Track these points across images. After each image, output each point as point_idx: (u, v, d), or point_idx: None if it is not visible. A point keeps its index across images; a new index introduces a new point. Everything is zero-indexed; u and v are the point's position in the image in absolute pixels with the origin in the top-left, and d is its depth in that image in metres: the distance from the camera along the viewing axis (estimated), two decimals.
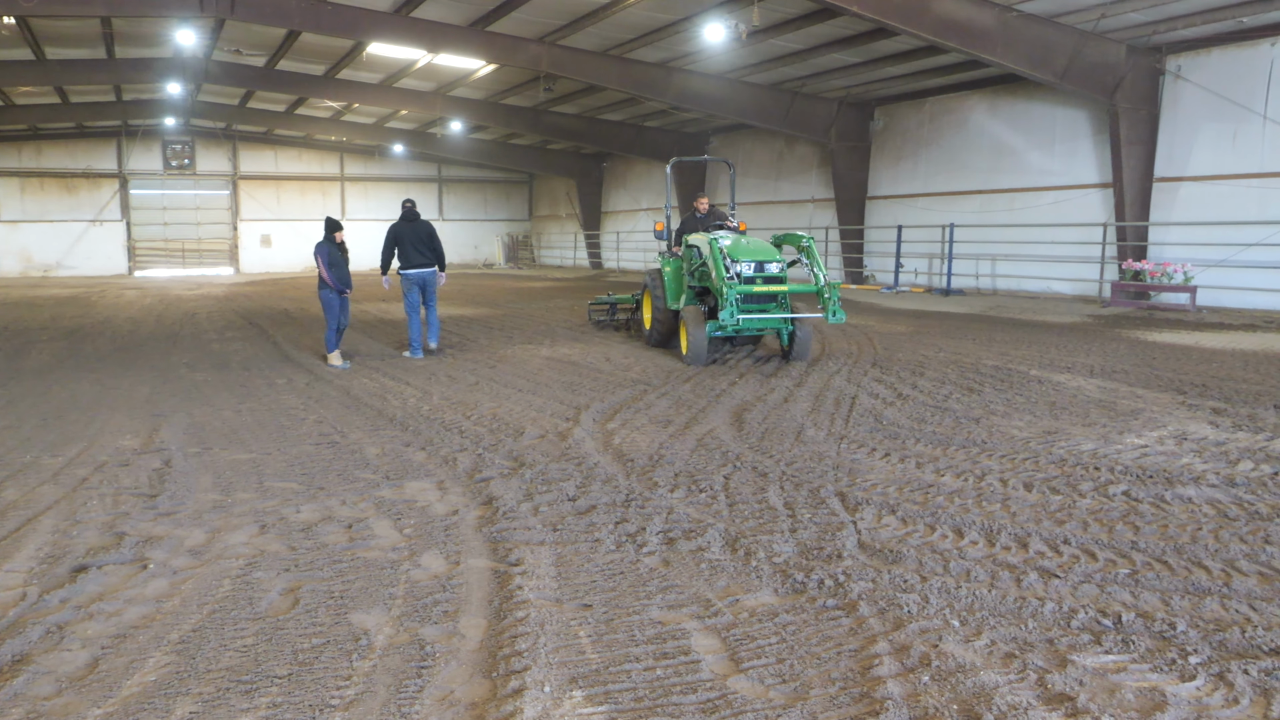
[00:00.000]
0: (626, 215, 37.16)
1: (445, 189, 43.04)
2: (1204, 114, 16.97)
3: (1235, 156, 16.60)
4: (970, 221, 21.53)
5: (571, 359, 11.08)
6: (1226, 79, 16.59)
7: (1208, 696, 3.04)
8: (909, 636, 3.47)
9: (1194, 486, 5.41)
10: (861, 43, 18.55)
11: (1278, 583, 3.99)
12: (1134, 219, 17.78)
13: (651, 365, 10.42)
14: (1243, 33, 16.03)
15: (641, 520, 4.89)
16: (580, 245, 39.94)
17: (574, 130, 30.27)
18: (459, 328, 14.87)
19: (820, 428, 7.08)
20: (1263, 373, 9.44)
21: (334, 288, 10.46)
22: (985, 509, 5.05)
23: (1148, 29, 16.28)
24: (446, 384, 9.38)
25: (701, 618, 3.68)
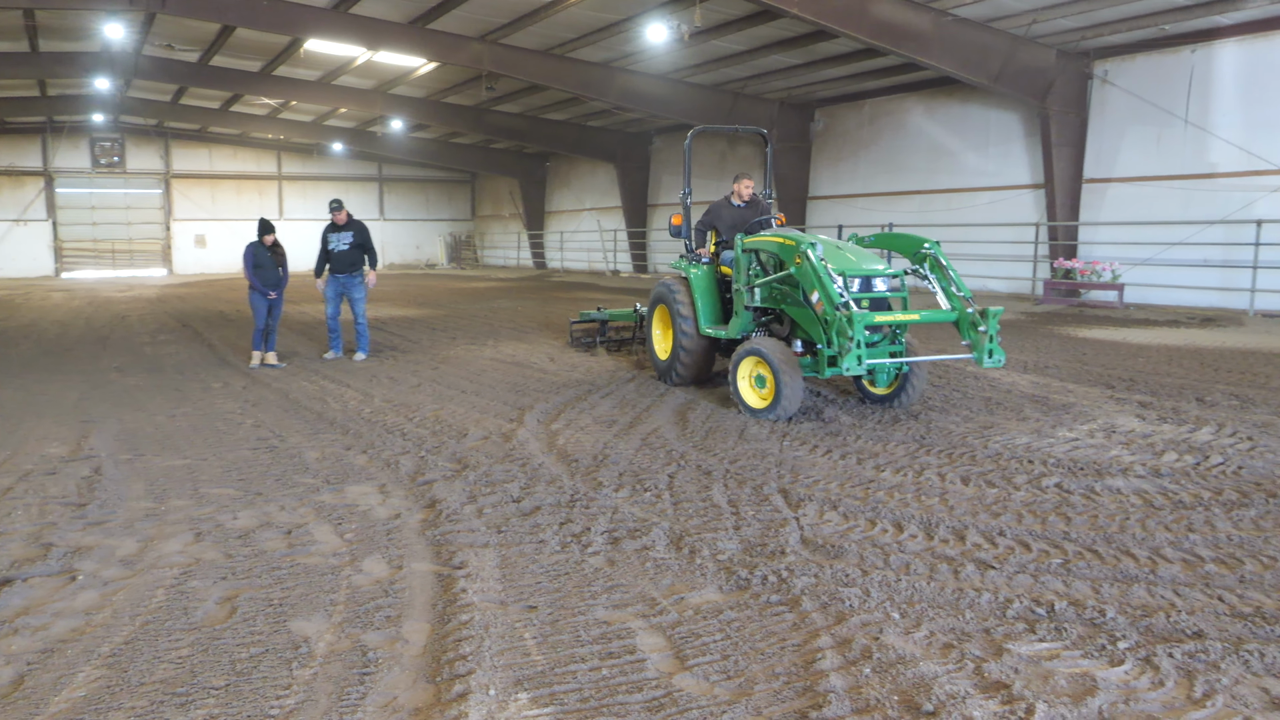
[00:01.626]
0: (570, 215, 37.09)
1: (386, 188, 42.50)
2: (1130, 117, 17.51)
3: (1159, 159, 17.17)
4: (910, 221, 21.87)
5: (516, 359, 11.03)
6: (1151, 84, 17.15)
7: (1135, 680, 3.14)
8: (851, 630, 3.52)
9: (1122, 478, 5.58)
10: (802, 44, 18.78)
11: (1200, 569, 4.13)
12: (1064, 219, 18.28)
13: (596, 365, 10.42)
14: (1165, 40, 16.58)
15: (586, 520, 4.88)
16: (524, 245, 39.74)
17: (517, 129, 30.13)
18: (401, 329, 14.70)
19: (763, 426, 7.15)
20: (1185, 367, 9.77)
21: (259, 290, 10.36)
22: (924, 503, 5.15)
23: (1077, 35, 16.75)
24: (388, 386, 9.27)
25: (647, 616, 3.69)
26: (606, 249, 34.02)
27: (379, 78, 25.51)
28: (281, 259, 10.63)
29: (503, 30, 19.49)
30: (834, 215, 24.14)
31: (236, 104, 30.54)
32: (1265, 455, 6.10)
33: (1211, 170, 16.39)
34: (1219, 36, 16.14)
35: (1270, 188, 15.68)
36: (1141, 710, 2.94)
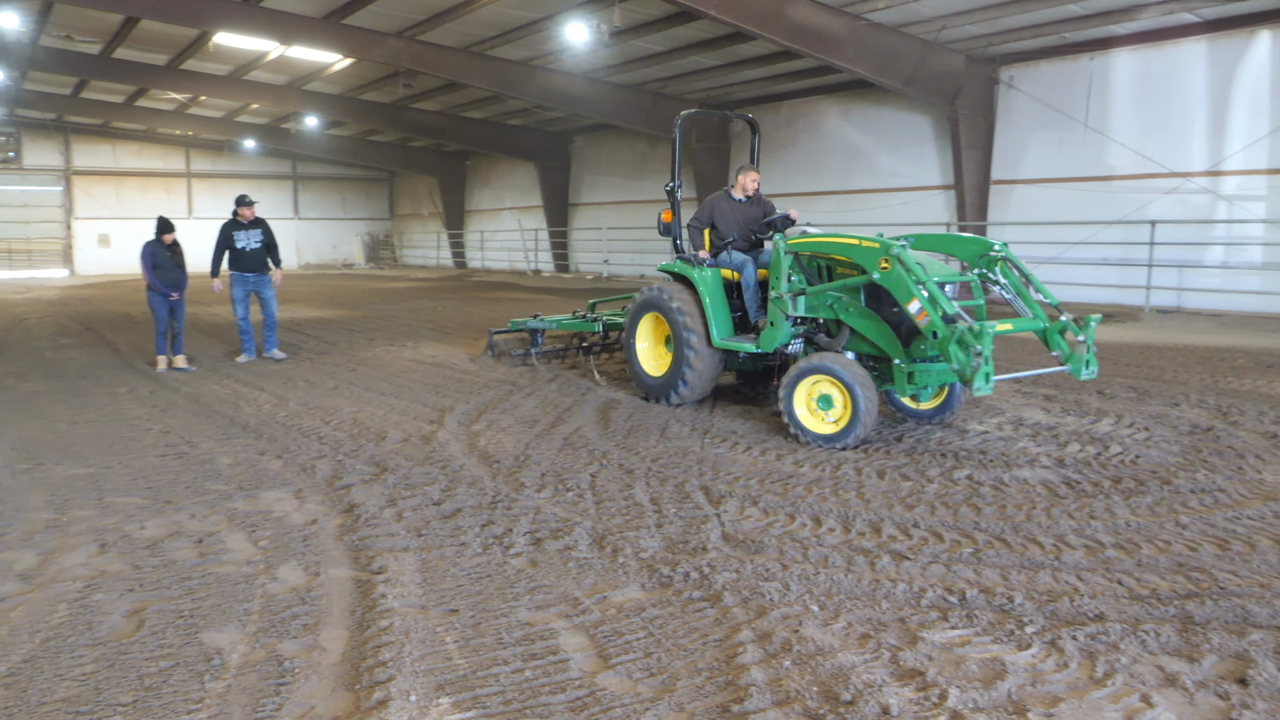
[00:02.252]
0: (491, 214, 36.78)
1: (301, 186, 41.50)
2: (1034, 122, 18.16)
3: (1062, 161, 17.85)
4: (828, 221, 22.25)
5: (436, 360, 10.89)
6: (1053, 90, 17.82)
7: (1041, 663, 3.26)
8: (771, 623, 3.58)
9: (1029, 468, 5.79)
10: (721, 46, 18.97)
11: (1101, 554, 4.32)
12: (974, 219, 18.86)
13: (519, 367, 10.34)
14: (1066, 47, 17.25)
15: (508, 522, 4.86)
16: (444, 244, 39.27)
17: (435, 127, 29.73)
18: (317, 330, 14.38)
19: (684, 424, 7.21)
20: None
21: (159, 290, 10.01)
22: (841, 497, 5.27)
23: (983, 41, 17.29)
24: (304, 389, 9.06)
25: (570, 616, 3.69)
26: (528, 249, 33.84)
27: (292, 73, 24.88)
28: (181, 259, 10.29)
29: (420, 27, 19.20)
30: None
31: (142, 98, 29.42)
32: (1160, 445, 6.39)
33: (1109, 173, 17.10)
34: (1115, 46, 16.86)
35: (1163, 190, 16.43)
36: (1047, 692, 3.06)
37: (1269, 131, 15.32)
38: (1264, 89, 15.37)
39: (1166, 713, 2.92)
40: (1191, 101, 16.20)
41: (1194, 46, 16.07)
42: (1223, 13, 15.17)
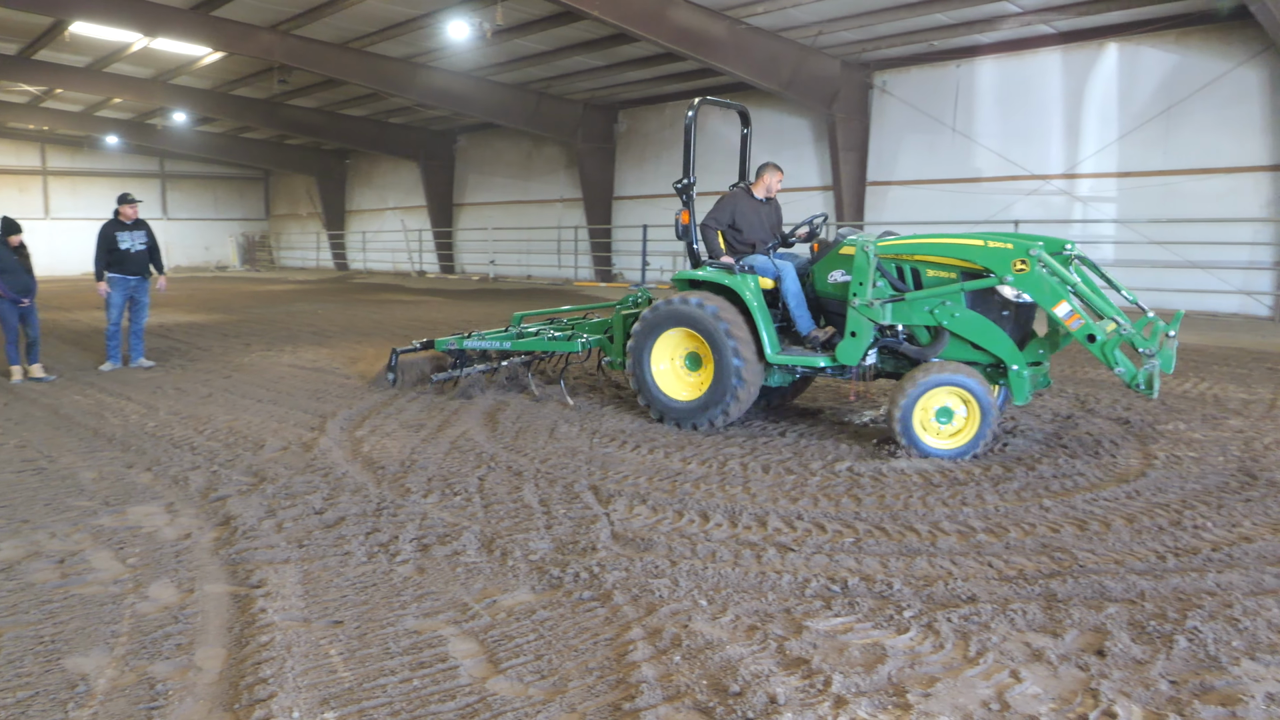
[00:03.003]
0: (373, 214, 35.93)
1: (169, 185, 39.63)
2: (906, 125, 18.89)
3: (932, 164, 18.63)
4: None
5: (317, 365, 10.57)
6: (923, 95, 18.59)
7: (919, 645, 3.40)
8: (661, 620, 3.62)
9: (905, 459, 6.02)
10: (604, 47, 19.04)
11: (973, 539, 4.53)
12: (852, 219, 19.48)
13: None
14: (935, 55, 18.01)
15: (394, 528, 4.76)
16: (324, 246, 38.15)
17: (313, 125, 28.85)
18: (189, 336, 13.75)
19: (573, 424, 7.21)
20: None
21: (6, 296, 9.37)
22: (728, 492, 5.36)
23: (858, 47, 17.89)
24: (175, 397, 8.65)
25: (459, 622, 3.64)
26: (412, 250, 33.20)
27: (158, 66, 23.71)
28: (29, 262, 9.66)
29: (295, 21, 18.60)
30: (639, 215, 24.63)
31: None
32: (1025, 433, 6.75)
33: (976, 175, 17.95)
34: (980, 54, 17.71)
35: (1025, 191, 17.34)
36: (925, 673, 3.18)
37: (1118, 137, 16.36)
38: (1113, 97, 16.40)
39: (1033, 686, 3.08)
40: (1049, 108, 17.14)
41: (1050, 56, 17.02)
42: (1075, 25, 16.11)
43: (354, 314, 17.24)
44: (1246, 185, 15.03)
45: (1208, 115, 15.28)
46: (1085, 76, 16.60)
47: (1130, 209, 16.09)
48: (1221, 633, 3.42)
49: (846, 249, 6.72)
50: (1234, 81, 14.94)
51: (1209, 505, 5.04)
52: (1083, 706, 2.94)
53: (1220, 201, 15.13)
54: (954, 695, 3.02)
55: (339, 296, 22.50)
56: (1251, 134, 14.93)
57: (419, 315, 16.73)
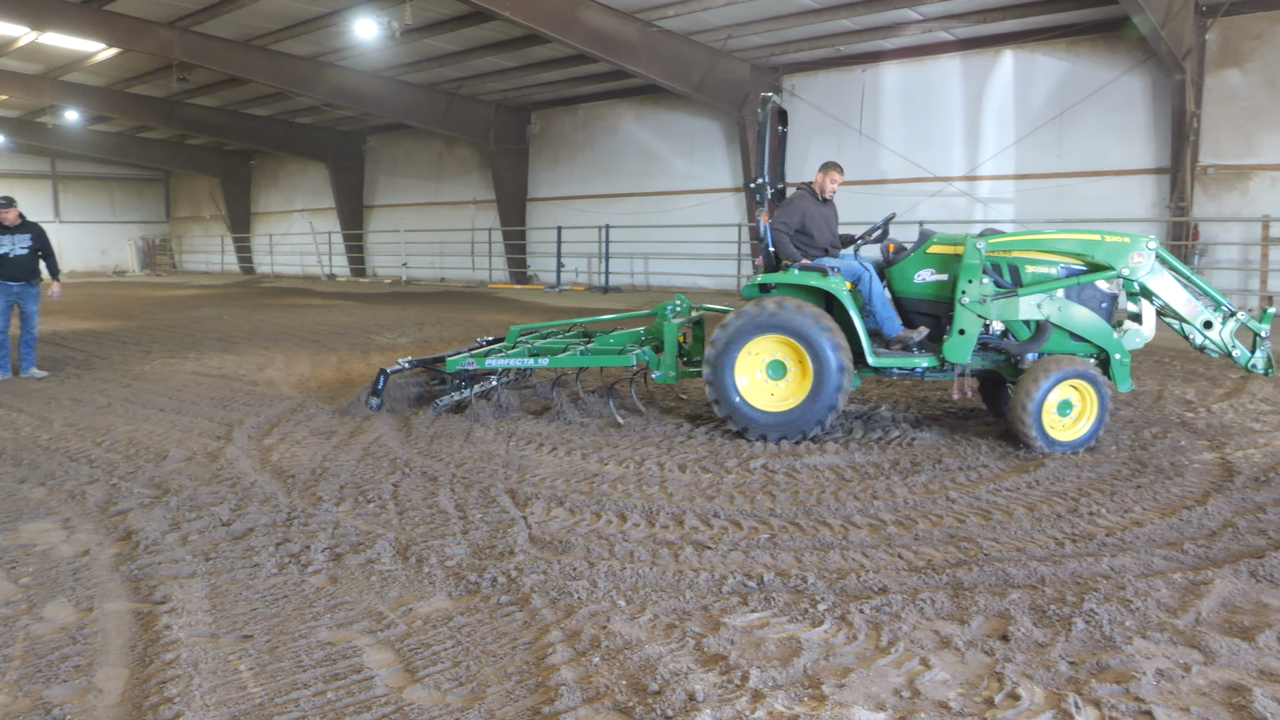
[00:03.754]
0: (280, 217, 34.99)
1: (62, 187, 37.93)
2: (815, 128, 19.28)
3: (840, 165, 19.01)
4: (625, 222, 22.75)
5: (222, 372, 10.24)
6: (831, 98, 19.00)
7: (833, 637, 3.47)
8: (580, 622, 3.62)
9: (819, 455, 6.15)
10: (516, 48, 18.93)
11: (883, 531, 4.65)
12: None
13: (311, 375, 9.91)
14: (841, 59, 18.44)
15: (305, 538, 4.65)
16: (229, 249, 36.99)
17: (216, 125, 27.94)
18: (85, 343, 13.16)
19: (489, 428, 7.15)
20: None
21: None
22: (645, 492, 5.39)
23: (767, 50, 18.18)
24: (70, 408, 8.27)
25: (374, 632, 3.58)
26: (321, 253, 32.44)
27: (48, 62, 22.62)
28: None
29: (195, 17, 17.99)
30: (553, 216, 24.57)
31: None
32: (932, 426, 6.96)
33: (882, 177, 18.43)
34: (884, 59, 18.19)
35: (929, 193, 17.87)
36: (839, 664, 3.26)
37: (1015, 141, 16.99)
38: (1009, 102, 17.03)
39: (942, 672, 3.18)
40: (950, 112, 17.71)
41: (951, 62, 17.59)
42: (974, 33, 16.68)
43: (261, 319, 16.76)
44: (1133, 187, 15.79)
45: (1097, 121, 16.01)
46: (984, 82, 17.21)
47: (1027, 210, 16.74)
48: (1116, 613, 3.58)
49: (936, 248, 6.74)
50: (1120, 89, 15.68)
51: (1103, 493, 5.28)
52: (988, 690, 3.05)
53: (1110, 202, 15.86)
54: (867, 685, 3.10)
55: (245, 301, 21.85)
56: (1137, 139, 15.70)
57: (330, 320, 16.36)
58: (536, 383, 8.73)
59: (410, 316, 16.56)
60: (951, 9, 15.50)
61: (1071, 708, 2.90)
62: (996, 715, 2.87)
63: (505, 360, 7.64)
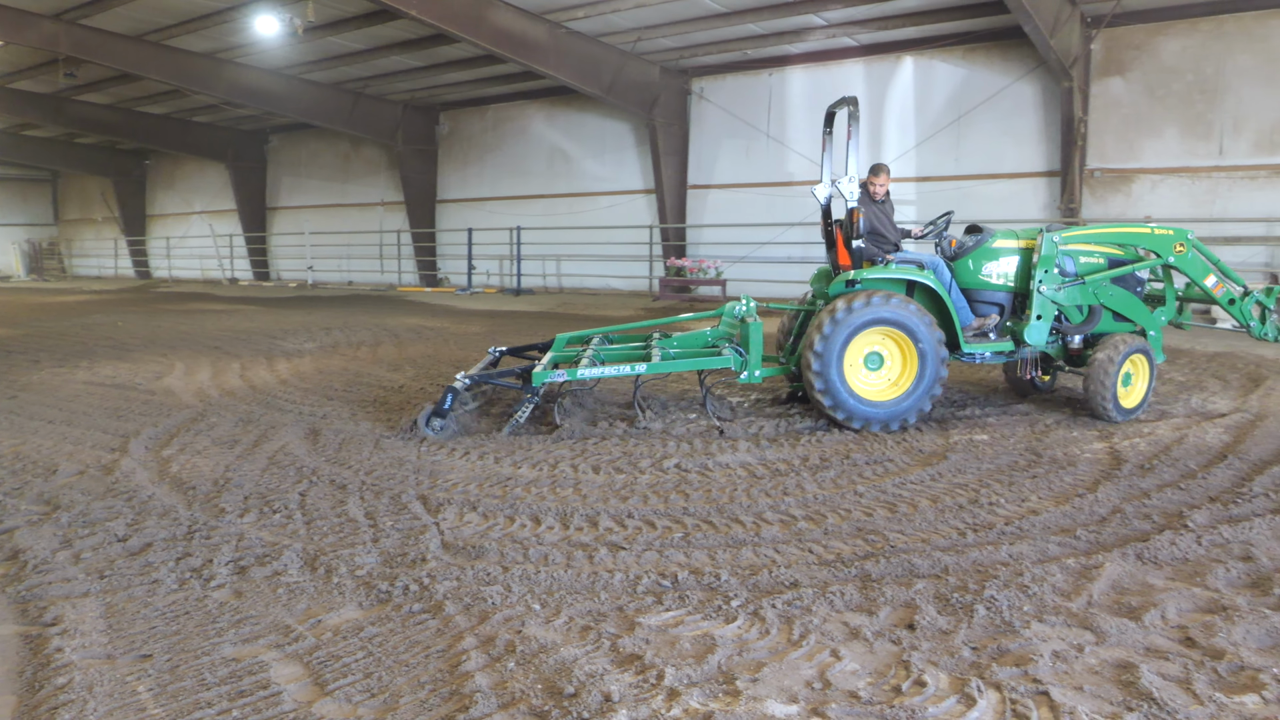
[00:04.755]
0: (177, 219, 33.73)
1: None
2: (723, 131, 19.53)
3: (749, 168, 19.35)
4: (536, 224, 22.65)
5: (117, 381, 9.81)
6: (739, 102, 19.27)
7: (746, 633, 3.52)
8: (494, 627, 3.59)
9: (731, 453, 6.23)
10: (423, 47, 18.66)
11: (794, 527, 4.74)
12: (674, 221, 19.95)
13: (213, 382, 9.58)
14: (749, 63, 18.71)
15: (208, 552, 4.49)
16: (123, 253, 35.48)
17: (107, 123, 26.75)
18: None
19: (399, 433, 7.03)
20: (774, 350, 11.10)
21: None
22: (559, 494, 5.38)
23: (676, 54, 18.33)
24: None
25: (281, 646, 3.48)
26: (222, 256, 31.41)
27: None
28: None
29: (82, 10, 17.21)
30: (463, 218, 24.30)
31: None
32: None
33: (789, 179, 18.77)
34: (789, 63, 18.54)
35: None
36: (753, 659, 3.31)
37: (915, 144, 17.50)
38: (910, 107, 17.54)
39: (852, 663, 3.26)
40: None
41: (854, 67, 18.02)
42: (875, 39, 17.13)
43: (158, 325, 16.12)
44: (1027, 189, 16.44)
45: (992, 125, 16.61)
46: (886, 87, 17.68)
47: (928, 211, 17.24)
48: (1014, 599, 3.73)
49: (1000, 242, 7.46)
50: (1014, 95, 16.31)
51: (1001, 483, 5.49)
52: (896, 678, 3.14)
53: (1005, 204, 16.48)
54: (780, 678, 3.16)
55: (141, 307, 20.99)
56: (1030, 143, 16.35)
57: (232, 325, 15.85)
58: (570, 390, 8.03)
59: (317, 321, 16.16)
60: (854, 15, 15.88)
61: (974, 691, 3.00)
62: (904, 703, 2.96)
63: (600, 370, 7.22)
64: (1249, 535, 4.46)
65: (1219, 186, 14.89)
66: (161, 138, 27.83)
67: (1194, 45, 14.86)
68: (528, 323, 15.49)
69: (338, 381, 9.53)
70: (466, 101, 23.81)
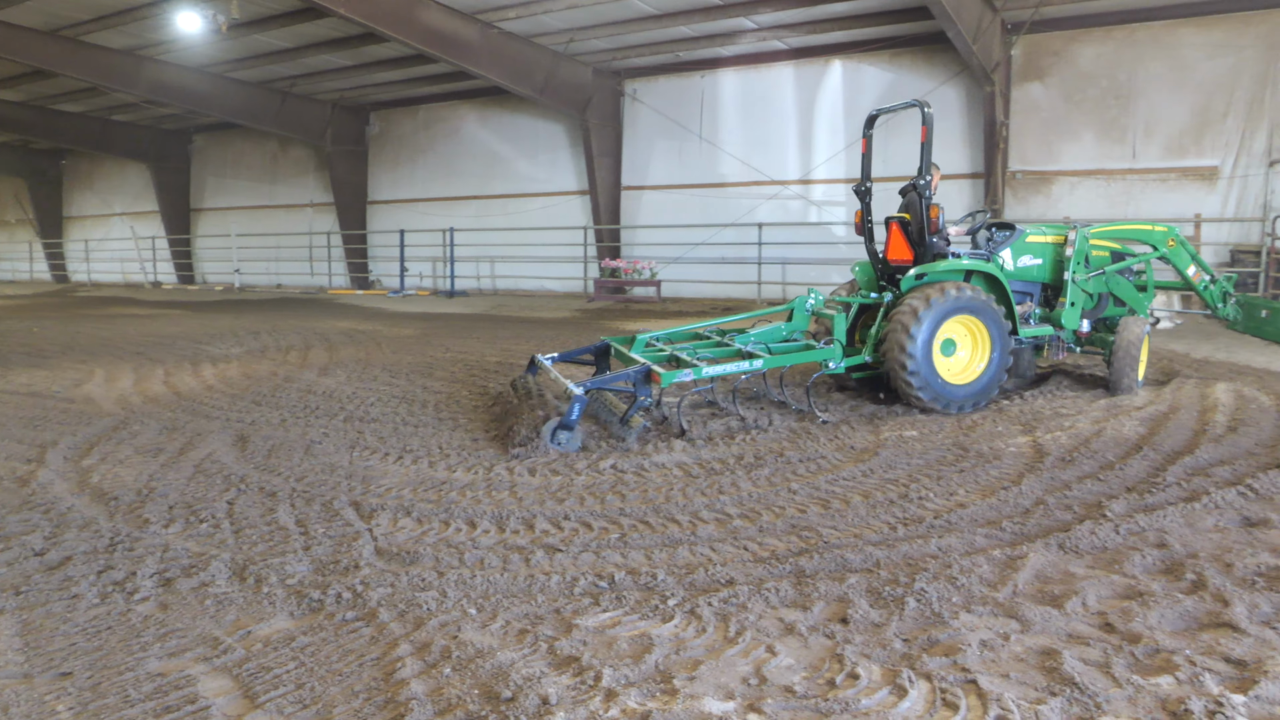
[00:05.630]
0: (97, 221, 32.65)
1: None
2: (657, 132, 19.61)
3: (682, 169, 19.47)
4: (469, 226, 22.47)
5: (33, 389, 9.46)
6: (672, 103, 19.37)
7: (683, 631, 3.55)
8: (429, 633, 3.55)
9: (666, 453, 6.26)
10: (353, 46, 18.38)
11: (730, 525, 4.79)
12: (608, 223, 19.97)
13: (135, 389, 9.29)
14: (682, 65, 18.83)
15: (131, 564, 4.36)
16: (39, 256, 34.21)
17: (20, 121, 25.76)
18: None
19: (331, 439, 6.91)
20: None
21: None
22: (495, 498, 5.35)
23: (609, 55, 18.35)
24: None
25: (209, 659, 3.40)
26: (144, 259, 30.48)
27: None
28: None
29: None
30: (395, 220, 23.98)
31: None
32: (775, 421, 7.20)
33: (722, 180, 18.94)
34: (722, 66, 18.70)
35: (766, 196, 18.48)
36: (690, 657, 3.33)
37: (845, 146, 17.80)
38: (839, 110, 17.83)
39: (787, 658, 3.30)
40: (785, 118, 18.38)
41: (784, 70, 18.26)
42: (805, 43, 17.38)
43: (77, 330, 15.58)
44: (953, 190, 16.83)
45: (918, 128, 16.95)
46: (815, 90, 17.95)
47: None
48: (943, 591, 3.82)
49: (1032, 238, 8.34)
50: (938, 98, 16.69)
51: (930, 478, 5.62)
52: (830, 672, 3.19)
53: None
54: (716, 675, 3.18)
55: (59, 312, 20.25)
56: (955, 145, 16.75)
57: (155, 330, 15.39)
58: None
59: (245, 325, 15.79)
60: (784, 19, 16.09)
61: (905, 682, 3.07)
62: (838, 695, 3.01)
63: (721, 368, 7.20)
64: (1163, 523, 4.64)
65: (1133, 188, 15.46)
66: (79, 137, 26.91)
67: (1108, 52, 15.41)
68: (463, 325, 15.35)
69: (266, 387, 9.33)
70: (397, 101, 23.51)
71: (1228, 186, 14.81)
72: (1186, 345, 10.99)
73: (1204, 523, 4.67)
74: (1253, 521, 4.69)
